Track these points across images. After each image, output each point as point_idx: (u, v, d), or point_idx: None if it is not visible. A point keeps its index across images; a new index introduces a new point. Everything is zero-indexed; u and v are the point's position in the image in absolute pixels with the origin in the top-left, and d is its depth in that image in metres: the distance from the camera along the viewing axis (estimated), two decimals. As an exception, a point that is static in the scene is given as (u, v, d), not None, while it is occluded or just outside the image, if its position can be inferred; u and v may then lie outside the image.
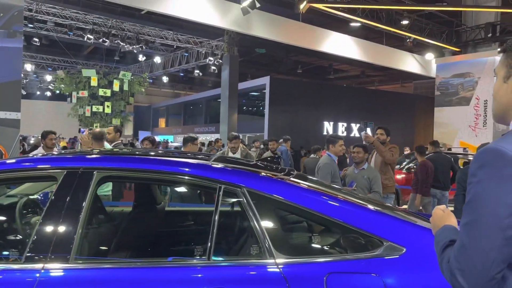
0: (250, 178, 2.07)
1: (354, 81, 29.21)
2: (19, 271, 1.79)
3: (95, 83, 19.37)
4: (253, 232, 1.91)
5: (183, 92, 34.16)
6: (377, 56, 17.14)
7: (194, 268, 1.84)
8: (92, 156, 2.23)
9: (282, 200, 1.98)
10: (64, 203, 1.91)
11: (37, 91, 27.98)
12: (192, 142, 6.03)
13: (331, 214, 1.95)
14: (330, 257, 1.89)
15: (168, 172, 2.06)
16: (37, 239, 1.86)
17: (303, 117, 21.37)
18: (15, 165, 2.10)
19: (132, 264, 1.91)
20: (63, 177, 1.98)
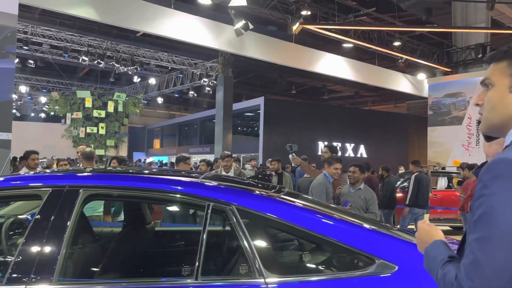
0: (239, 195, 2.04)
1: (348, 102, 29.45)
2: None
3: (90, 105, 19.37)
4: (242, 251, 1.86)
5: (178, 113, 34.23)
6: (370, 76, 17.34)
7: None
8: (78, 174, 2.19)
9: (272, 217, 1.94)
10: (48, 223, 1.86)
11: (31, 112, 27.94)
12: (184, 161, 5.95)
13: (322, 232, 1.92)
14: (322, 276, 1.85)
15: (156, 190, 2.02)
16: (19, 260, 1.80)
17: (298, 137, 21.39)
18: (1, 184, 2.06)
19: (117, 284, 1.86)
20: (48, 196, 1.94)
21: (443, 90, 17.39)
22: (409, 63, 16.36)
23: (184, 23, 11.79)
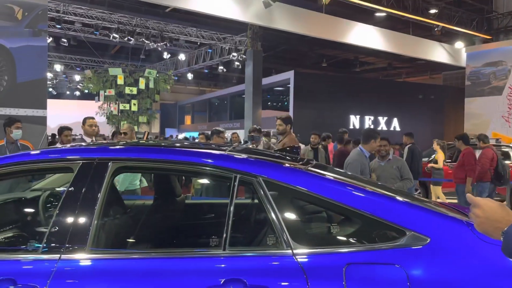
0: (266, 167, 2.02)
1: (381, 74, 28.63)
2: (37, 262, 1.80)
3: (122, 82, 19.67)
4: (270, 222, 1.85)
5: (208, 89, 34.35)
6: (404, 46, 16.71)
7: (209, 259, 1.80)
8: (108, 147, 2.23)
9: (300, 189, 1.92)
10: (79, 194, 1.91)
11: (66, 91, 28.73)
12: (217, 135, 6.12)
13: (351, 204, 1.88)
14: (350, 248, 1.82)
15: (183, 162, 2.03)
16: (54, 230, 1.86)
17: (329, 111, 21.10)
18: (34, 157, 2.12)
19: (147, 254, 1.89)
20: (79, 168, 1.98)
21: (482, 59, 16.59)
22: (446, 32, 15.63)
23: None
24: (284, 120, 5.16)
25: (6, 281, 1.72)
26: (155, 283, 1.72)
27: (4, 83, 5.27)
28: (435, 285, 1.69)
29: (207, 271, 1.76)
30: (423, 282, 1.69)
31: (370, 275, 1.73)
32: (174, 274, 1.75)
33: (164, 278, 1.74)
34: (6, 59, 5.27)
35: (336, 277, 1.71)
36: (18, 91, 5.33)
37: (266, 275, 1.73)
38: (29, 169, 2.09)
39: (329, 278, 1.72)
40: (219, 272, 1.75)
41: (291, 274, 1.73)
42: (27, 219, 2.80)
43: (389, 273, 1.72)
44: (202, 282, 1.71)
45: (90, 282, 1.74)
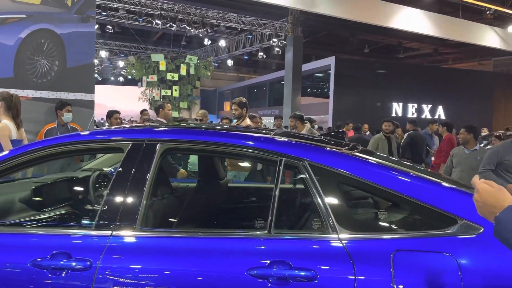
0: (312, 151, 2.00)
1: (426, 60, 27.58)
2: (90, 237, 1.88)
3: (164, 68, 20.01)
4: (315, 206, 1.84)
5: (247, 75, 34.39)
6: (452, 31, 15.96)
7: (255, 240, 1.82)
8: (157, 129, 2.28)
9: (346, 174, 1.89)
10: (129, 174, 1.97)
11: (111, 76, 29.62)
12: (251, 119, 6.37)
13: (400, 190, 1.83)
14: (398, 234, 1.78)
15: (229, 145, 2.05)
16: (105, 208, 1.93)
17: (370, 98, 20.65)
18: (86, 137, 2.20)
19: (193, 234, 1.93)
20: (129, 149, 2.04)
21: (538, 44, 15.61)
22: (498, 15, 14.79)
23: (253, -19, 11.58)
24: (239, 104, 5.47)
25: (61, 254, 1.81)
26: (200, 262, 1.76)
27: (55, 68, 5.48)
28: (487, 277, 1.63)
29: (252, 252, 1.77)
30: (475, 272, 1.63)
31: (419, 263, 1.69)
32: (220, 253, 1.78)
33: (209, 257, 1.77)
34: (57, 45, 5.47)
35: (383, 263, 1.69)
36: (68, 76, 5.53)
37: (311, 258, 1.73)
38: (82, 149, 2.17)
39: (376, 264, 1.69)
40: (264, 253, 1.76)
41: (337, 258, 1.72)
42: (78, 198, 2.93)
43: (439, 261, 1.68)
44: (248, 262, 1.73)
45: (139, 258, 1.80)
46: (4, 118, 3.98)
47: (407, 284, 1.65)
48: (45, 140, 2.17)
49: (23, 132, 4.12)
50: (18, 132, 4.00)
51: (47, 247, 1.84)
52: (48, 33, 5.43)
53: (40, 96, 5.38)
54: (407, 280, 1.65)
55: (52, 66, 5.47)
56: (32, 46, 5.34)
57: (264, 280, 1.69)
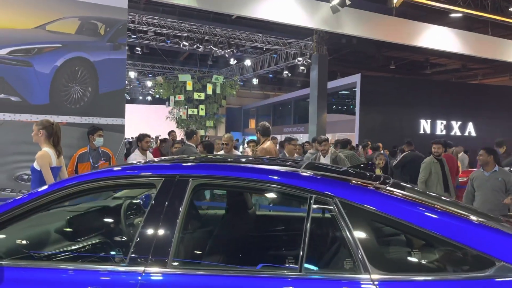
0: (342, 187, 1.99)
1: (454, 75, 27.08)
2: (123, 273, 1.91)
3: (190, 87, 20.41)
4: (347, 245, 1.83)
5: (272, 93, 34.58)
6: (481, 47, 15.66)
7: (286, 280, 1.81)
8: (187, 164, 2.32)
9: (377, 212, 1.87)
10: (162, 210, 2.01)
11: (139, 96, 30.33)
12: (289, 142, 6.44)
13: (433, 229, 1.80)
14: (432, 276, 1.74)
15: (259, 181, 2.06)
16: (138, 243, 1.97)
17: (397, 115, 20.36)
18: (120, 173, 2.26)
19: (225, 271, 1.94)
20: (161, 185, 2.08)
21: None
22: (529, 30, 14.45)
23: (278, 3, 11.72)
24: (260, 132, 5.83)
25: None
26: None
27: (88, 94, 5.67)
28: None
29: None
30: None
31: None
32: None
33: None
34: (90, 72, 5.67)
35: None
36: (99, 102, 5.71)
37: None
38: (115, 184, 2.23)
39: None
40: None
41: None
42: (111, 227, 2.99)
43: None
44: (279, 302, 1.73)
45: None
46: (45, 146, 4.12)
47: (443, 329, 1.61)
48: (79, 176, 2.24)
49: (62, 159, 4.26)
50: (58, 160, 4.14)
51: (82, 283, 1.88)
52: (82, 61, 5.64)
53: (73, 122, 5.57)
54: None
55: (85, 92, 5.67)
56: (67, 74, 5.56)
57: (296, 321, 1.68)
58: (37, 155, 4.04)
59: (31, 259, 2.32)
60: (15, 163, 5.18)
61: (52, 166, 4.04)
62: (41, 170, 3.97)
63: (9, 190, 5.13)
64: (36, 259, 2.35)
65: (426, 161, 6.71)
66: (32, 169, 4.07)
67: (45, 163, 3.97)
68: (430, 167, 6.57)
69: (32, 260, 2.29)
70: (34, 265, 2.07)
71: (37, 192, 2.19)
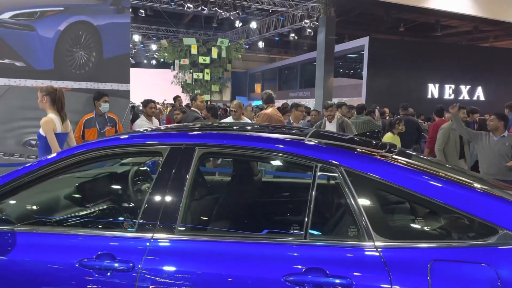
0: (348, 156, 1.99)
1: (465, 38, 26.42)
2: (133, 239, 1.96)
3: (195, 51, 20.15)
4: (351, 213, 1.85)
5: (278, 56, 34.08)
6: (493, 9, 15.19)
7: (290, 246, 1.85)
8: (193, 133, 2.32)
9: (382, 180, 1.88)
10: (169, 178, 2.03)
11: (144, 60, 30.04)
12: (296, 108, 6.43)
13: (437, 197, 1.81)
14: (436, 243, 1.76)
15: (265, 150, 2.07)
16: (147, 210, 2.00)
17: (405, 79, 20.09)
18: (127, 141, 2.27)
19: (231, 238, 1.99)
20: (168, 153, 2.10)
21: None
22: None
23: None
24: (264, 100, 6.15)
25: (106, 255, 1.90)
26: (238, 266, 1.81)
27: (93, 59, 5.62)
28: None
29: (288, 258, 1.81)
30: None
31: (457, 274, 1.68)
32: (257, 258, 1.82)
33: (247, 261, 1.81)
34: (94, 36, 5.60)
35: (420, 273, 1.69)
36: (104, 67, 5.67)
37: (347, 266, 1.75)
38: (123, 152, 2.25)
39: (412, 274, 1.69)
40: (300, 260, 1.79)
41: (373, 266, 1.73)
42: (119, 193, 3.04)
43: (479, 273, 1.66)
44: (284, 268, 1.77)
45: (177, 261, 1.87)
46: (50, 111, 4.14)
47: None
48: (88, 143, 2.25)
49: (68, 124, 4.28)
50: (63, 126, 4.16)
51: (92, 248, 1.94)
52: (85, 25, 5.56)
53: (79, 87, 5.55)
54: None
55: (90, 57, 5.61)
56: (71, 38, 5.48)
57: (300, 286, 1.73)
58: (42, 121, 4.06)
59: (42, 225, 2.37)
60: (22, 128, 5.21)
61: (57, 132, 4.07)
62: (46, 136, 4.00)
63: (18, 155, 5.20)
64: (47, 224, 2.40)
65: (445, 127, 6.40)
66: (38, 135, 4.11)
67: (49, 129, 4.00)
68: (448, 134, 6.29)
69: (43, 226, 2.34)
70: (45, 231, 2.12)
71: (47, 159, 2.21)
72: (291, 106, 6.67)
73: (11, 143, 5.18)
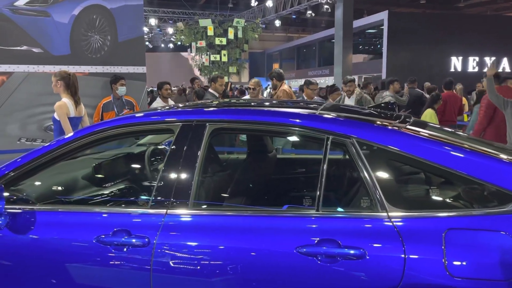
0: (360, 127, 1.96)
1: (489, 7, 25.44)
2: (147, 215, 1.99)
3: (211, 33, 20.01)
4: (364, 184, 1.83)
5: (295, 35, 33.62)
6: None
7: (304, 218, 1.85)
8: (204, 109, 2.32)
9: (395, 150, 1.85)
10: (181, 155, 2.04)
11: (161, 44, 30.10)
12: (308, 86, 6.30)
13: (450, 165, 1.78)
14: (451, 212, 1.73)
15: (275, 123, 2.05)
16: (160, 187, 2.03)
17: (427, 53, 19.54)
18: (140, 119, 2.28)
19: (245, 212, 2.00)
20: (179, 130, 2.10)
21: None
22: None
23: None
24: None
25: (122, 232, 1.94)
26: (251, 239, 1.82)
27: (108, 42, 5.65)
28: None
29: (301, 230, 1.81)
30: None
31: (472, 242, 1.65)
32: (270, 231, 1.83)
33: (260, 235, 1.82)
34: (108, 20, 5.62)
35: (434, 242, 1.66)
36: (119, 50, 5.70)
37: (360, 236, 1.74)
38: (138, 130, 2.26)
39: (427, 243, 1.67)
40: (312, 232, 1.79)
41: (386, 237, 1.72)
42: (135, 173, 3.08)
43: (495, 240, 1.63)
44: (297, 240, 1.77)
45: (192, 235, 1.89)
46: (64, 96, 4.20)
47: (459, 263, 1.62)
48: (104, 122, 2.27)
49: (82, 108, 4.35)
50: (76, 110, 4.23)
51: (109, 225, 1.98)
52: (99, 9, 5.58)
53: (95, 71, 5.61)
54: (459, 260, 1.63)
55: (105, 41, 5.65)
56: (85, 23, 5.52)
57: (313, 257, 1.73)
58: (55, 106, 4.13)
59: (61, 204, 2.43)
60: (43, 114, 5.32)
61: (71, 116, 4.13)
62: (59, 120, 4.08)
63: (40, 140, 5.33)
64: (66, 203, 2.46)
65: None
66: (53, 119, 4.19)
67: (62, 113, 4.07)
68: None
69: (62, 205, 2.40)
70: (64, 209, 2.17)
71: (64, 138, 2.25)
72: (303, 83, 6.56)
73: (33, 128, 5.31)
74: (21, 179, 2.23)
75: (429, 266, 1.64)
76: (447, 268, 1.62)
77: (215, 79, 6.51)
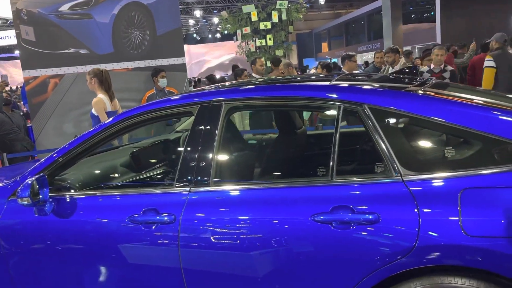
0: (371, 94, 1.94)
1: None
2: (173, 194, 2.11)
3: (256, 18, 19.98)
4: (377, 150, 1.82)
5: (343, 11, 32.69)
6: None
7: (318, 187, 1.88)
8: (219, 90, 2.40)
9: (407, 113, 1.82)
10: (200, 134, 2.14)
11: (208, 34, 30.58)
12: (349, 59, 6.17)
13: (464, 123, 1.72)
14: (466, 172, 1.68)
15: (287, 97, 2.08)
16: (183, 167, 2.14)
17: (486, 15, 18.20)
18: (162, 104, 2.40)
19: (260, 185, 2.07)
20: (197, 111, 2.19)
21: None
22: None
23: None
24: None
25: (151, 211, 2.08)
26: (268, 210, 1.88)
27: (147, 37, 5.88)
28: None
29: (316, 199, 1.84)
30: None
31: (490, 201, 1.60)
32: (286, 201, 1.88)
33: (277, 206, 1.88)
34: (146, 15, 5.84)
35: (450, 203, 1.63)
36: (159, 44, 5.91)
37: (374, 202, 1.74)
38: (162, 115, 2.38)
39: (442, 204, 1.65)
40: (327, 199, 1.81)
41: (400, 200, 1.70)
42: (171, 158, 3.24)
43: None
44: (311, 208, 1.81)
45: (213, 210, 1.99)
46: (99, 92, 4.46)
47: (476, 223, 1.58)
48: (131, 110, 2.42)
49: (116, 103, 4.58)
50: (112, 104, 4.47)
51: (139, 205, 2.13)
52: (136, 5, 5.81)
53: (138, 66, 5.87)
54: (476, 219, 1.58)
55: (144, 36, 5.89)
56: (125, 20, 5.78)
57: (328, 224, 1.76)
58: (93, 102, 4.39)
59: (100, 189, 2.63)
60: (94, 111, 5.67)
61: (108, 111, 4.38)
62: (98, 116, 4.33)
63: (93, 135, 5.69)
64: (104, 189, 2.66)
65: None
66: (91, 115, 4.46)
67: (100, 109, 4.32)
68: None
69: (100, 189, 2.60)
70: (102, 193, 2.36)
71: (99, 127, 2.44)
72: (343, 57, 6.41)
73: (85, 125, 5.68)
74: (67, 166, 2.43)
75: (444, 227, 1.62)
76: (463, 228, 1.58)
77: (254, 61, 6.63)
